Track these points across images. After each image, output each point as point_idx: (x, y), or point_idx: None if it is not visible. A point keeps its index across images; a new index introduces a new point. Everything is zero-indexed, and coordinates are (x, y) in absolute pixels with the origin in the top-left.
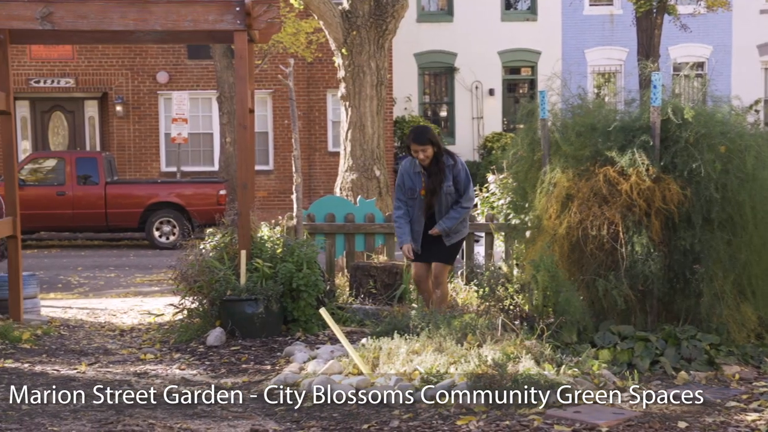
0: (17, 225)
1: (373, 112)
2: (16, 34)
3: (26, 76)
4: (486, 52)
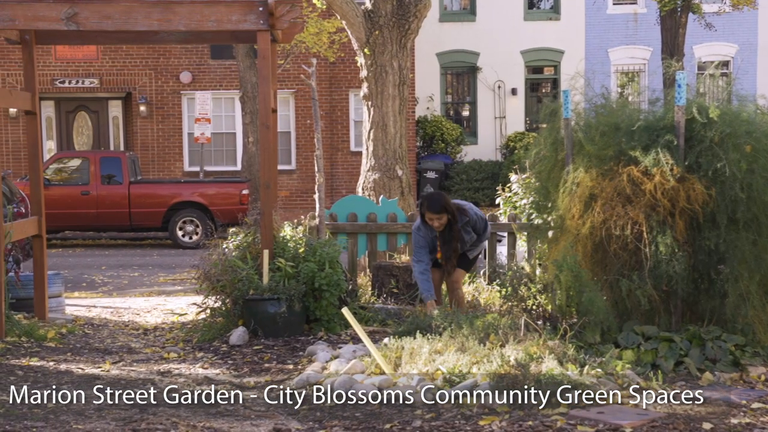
0: (42, 224)
1: (395, 112)
2: (41, 34)
3: (51, 76)
4: (509, 52)
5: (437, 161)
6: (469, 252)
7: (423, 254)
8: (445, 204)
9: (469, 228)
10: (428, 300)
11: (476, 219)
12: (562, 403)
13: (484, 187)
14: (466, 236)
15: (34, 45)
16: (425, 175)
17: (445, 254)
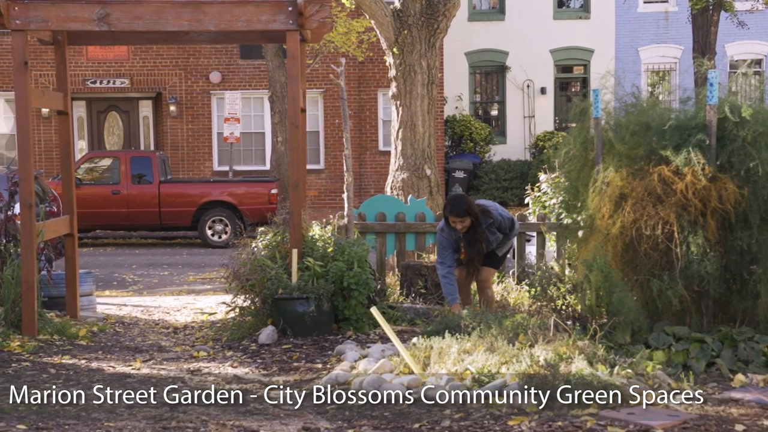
0: (74, 223)
1: (424, 111)
2: (73, 35)
3: (83, 76)
4: (538, 51)
5: (466, 161)
6: (498, 250)
7: (447, 256)
8: (467, 207)
9: (494, 229)
10: (453, 304)
11: (501, 220)
12: (592, 404)
13: (512, 187)
14: (491, 236)
15: (66, 46)
16: (454, 175)
17: (468, 255)
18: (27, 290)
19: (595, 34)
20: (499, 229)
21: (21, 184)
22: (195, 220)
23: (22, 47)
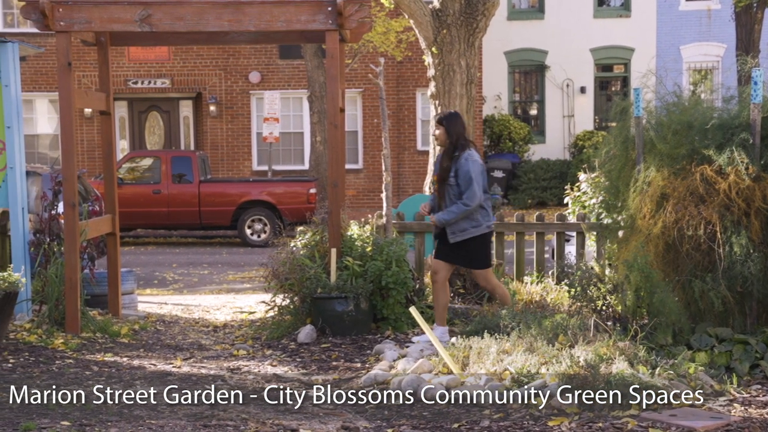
0: (116, 222)
1: (462, 111)
2: (116, 36)
3: (125, 77)
4: (577, 50)
5: (504, 160)
6: (451, 236)
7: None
8: (443, 117)
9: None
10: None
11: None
12: (633, 405)
13: (552, 187)
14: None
15: (109, 46)
16: (492, 174)
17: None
18: (70, 288)
19: (635, 32)
20: (457, 173)
21: (65, 183)
22: (234, 220)
23: (66, 48)
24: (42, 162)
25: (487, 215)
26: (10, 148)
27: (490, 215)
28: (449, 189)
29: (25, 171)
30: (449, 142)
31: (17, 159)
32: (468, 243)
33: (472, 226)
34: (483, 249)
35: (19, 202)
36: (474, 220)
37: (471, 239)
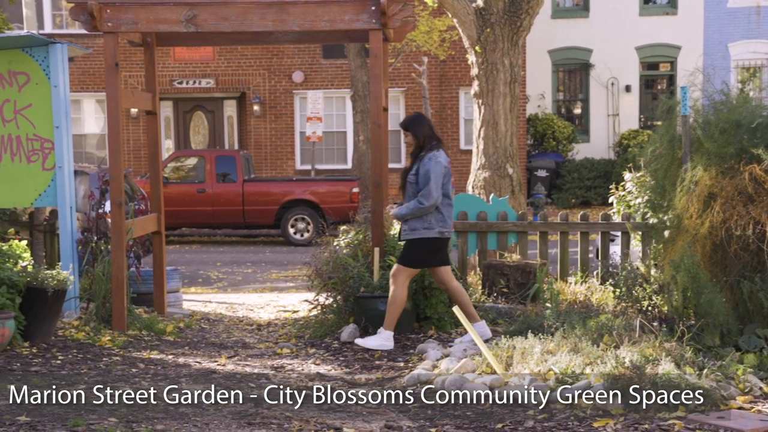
0: (161, 221)
1: (506, 110)
2: (162, 36)
3: (170, 77)
4: (623, 48)
5: (548, 159)
6: (403, 233)
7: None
8: (408, 123)
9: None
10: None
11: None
12: (680, 407)
13: (596, 186)
14: (411, 177)
15: (155, 47)
16: (536, 174)
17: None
18: (117, 286)
19: (682, 30)
20: (418, 172)
21: (111, 182)
22: (278, 219)
23: (113, 49)
24: (89, 161)
25: (442, 220)
26: (58, 147)
27: (446, 221)
28: (410, 188)
29: (73, 170)
30: (416, 144)
31: (65, 158)
32: (415, 242)
33: (424, 227)
34: (422, 251)
35: (68, 201)
36: (426, 221)
37: (419, 240)
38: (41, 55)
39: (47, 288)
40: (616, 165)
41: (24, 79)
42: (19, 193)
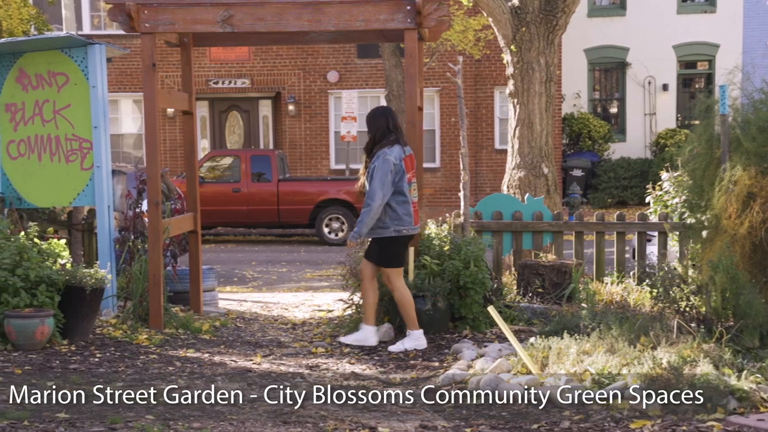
0: (197, 220)
1: (541, 109)
2: (198, 36)
3: (206, 77)
4: (660, 46)
5: (584, 159)
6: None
7: None
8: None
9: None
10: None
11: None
12: (719, 409)
13: (632, 186)
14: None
15: (191, 47)
16: (571, 173)
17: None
18: (154, 285)
19: (721, 28)
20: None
21: (148, 182)
22: (312, 218)
23: (150, 49)
24: (126, 161)
25: (398, 218)
26: (96, 147)
27: (402, 219)
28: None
29: (110, 170)
30: (369, 139)
31: (103, 158)
32: (376, 242)
33: (378, 227)
34: (386, 250)
35: (105, 200)
36: (381, 220)
37: (378, 239)
38: (80, 55)
39: (85, 286)
40: (653, 164)
41: (63, 79)
42: (58, 192)
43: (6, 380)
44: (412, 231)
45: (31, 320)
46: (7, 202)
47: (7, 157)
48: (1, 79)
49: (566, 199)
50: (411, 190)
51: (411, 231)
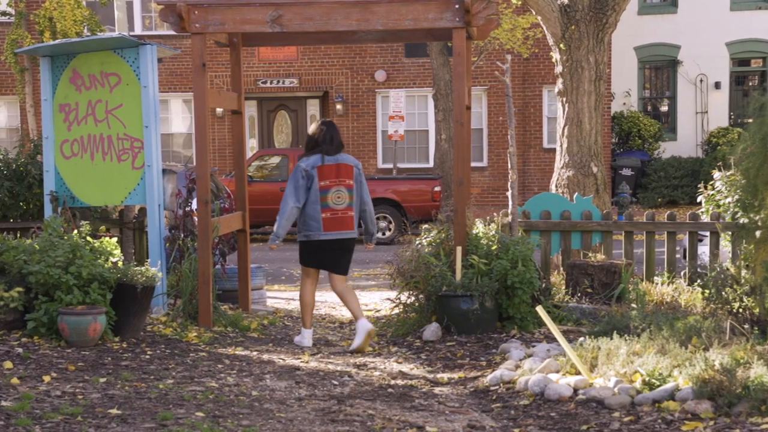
0: (246, 219)
1: (590, 108)
2: (247, 36)
3: (254, 77)
4: (712, 44)
5: (633, 158)
6: None
7: None
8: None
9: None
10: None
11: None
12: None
13: (683, 185)
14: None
15: (241, 47)
16: (621, 172)
17: None
18: (203, 283)
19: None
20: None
21: (198, 181)
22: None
23: (201, 50)
24: (176, 160)
25: (304, 224)
26: (147, 146)
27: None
28: None
29: (161, 169)
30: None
31: (154, 157)
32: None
33: (298, 231)
34: (300, 251)
35: (156, 199)
36: (298, 226)
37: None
38: (132, 56)
39: (136, 284)
40: (705, 163)
41: (115, 80)
42: (110, 191)
43: (60, 376)
44: (317, 238)
45: (84, 317)
46: (61, 201)
47: (61, 157)
48: (56, 80)
49: (615, 199)
50: (329, 197)
51: (316, 237)
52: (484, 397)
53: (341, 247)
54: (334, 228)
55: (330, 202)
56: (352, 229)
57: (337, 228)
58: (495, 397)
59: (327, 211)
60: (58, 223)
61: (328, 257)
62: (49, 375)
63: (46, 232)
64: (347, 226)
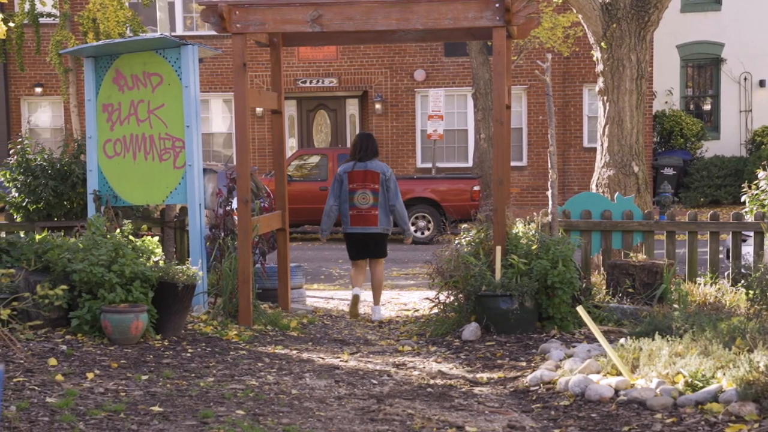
0: (285, 218)
1: (632, 107)
2: (287, 36)
3: (294, 76)
4: (757, 42)
5: (675, 157)
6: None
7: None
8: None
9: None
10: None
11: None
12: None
13: (726, 185)
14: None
15: (281, 47)
16: (662, 172)
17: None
18: (243, 282)
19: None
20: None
21: (238, 180)
22: None
23: (241, 49)
24: (216, 160)
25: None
26: (189, 146)
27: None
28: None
29: (202, 168)
30: None
31: (195, 157)
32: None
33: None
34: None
35: (197, 199)
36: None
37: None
38: (173, 56)
39: (178, 283)
40: (748, 163)
41: (157, 80)
42: (152, 190)
43: (103, 373)
44: (352, 231)
45: (127, 315)
46: (104, 200)
47: (104, 156)
48: (99, 81)
49: (657, 198)
50: (356, 198)
51: (347, 230)
52: (524, 397)
53: (367, 239)
54: (359, 224)
55: (356, 201)
56: (375, 225)
57: (361, 224)
58: (535, 398)
59: (354, 209)
60: (101, 222)
61: (360, 248)
62: (93, 372)
63: (89, 231)
64: (371, 222)
